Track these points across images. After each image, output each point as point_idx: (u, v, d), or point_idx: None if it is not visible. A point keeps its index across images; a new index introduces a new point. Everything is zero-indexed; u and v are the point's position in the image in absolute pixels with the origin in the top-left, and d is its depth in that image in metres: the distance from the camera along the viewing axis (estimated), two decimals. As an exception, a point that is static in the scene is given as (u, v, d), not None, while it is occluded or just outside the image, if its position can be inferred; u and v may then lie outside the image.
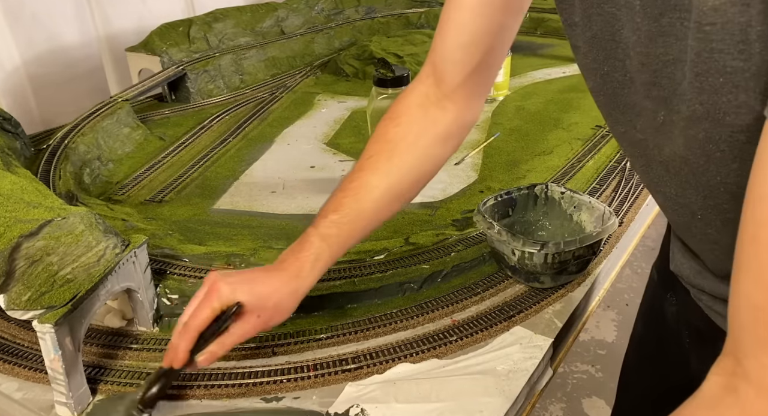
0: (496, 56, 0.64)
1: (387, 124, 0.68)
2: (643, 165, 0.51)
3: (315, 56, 1.76)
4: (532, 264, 0.73)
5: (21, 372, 0.66)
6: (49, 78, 1.46)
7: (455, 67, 0.63)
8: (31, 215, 0.60)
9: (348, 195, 0.64)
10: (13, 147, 1.02)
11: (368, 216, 0.65)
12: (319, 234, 0.62)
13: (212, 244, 0.85)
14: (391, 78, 0.96)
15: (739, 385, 0.38)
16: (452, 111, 0.66)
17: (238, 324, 0.58)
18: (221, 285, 0.57)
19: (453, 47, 0.62)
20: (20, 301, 0.56)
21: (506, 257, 0.75)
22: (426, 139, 0.66)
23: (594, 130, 1.25)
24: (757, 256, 0.36)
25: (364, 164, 0.66)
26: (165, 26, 1.50)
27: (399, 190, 0.66)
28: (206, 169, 1.14)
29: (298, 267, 0.61)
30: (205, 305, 0.57)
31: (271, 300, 0.59)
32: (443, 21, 0.62)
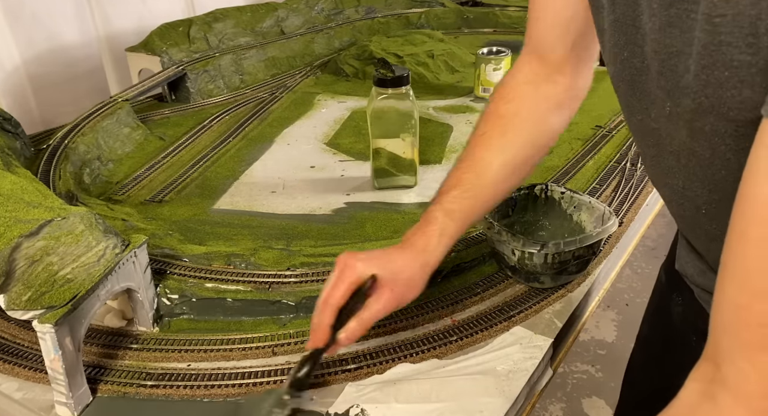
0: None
1: (497, 102, 0.68)
2: (654, 155, 0.51)
3: (315, 56, 1.76)
4: (532, 265, 0.73)
5: (21, 372, 0.66)
6: (49, 78, 1.46)
7: (556, 42, 0.64)
8: (31, 215, 0.60)
9: (466, 171, 0.65)
10: (13, 147, 1.02)
11: (488, 191, 0.65)
12: (443, 210, 0.62)
13: (212, 244, 0.85)
14: (391, 78, 0.96)
15: (717, 392, 0.37)
16: (562, 83, 0.66)
17: (374, 299, 0.58)
18: (354, 262, 0.58)
19: (550, 24, 0.63)
20: (20, 301, 0.56)
21: (506, 257, 0.75)
22: (539, 113, 0.66)
23: (594, 130, 1.25)
24: (744, 256, 0.35)
25: (477, 141, 0.66)
26: (165, 26, 1.50)
27: (514, 165, 0.66)
28: (206, 169, 1.14)
29: (425, 241, 0.61)
30: (341, 281, 0.57)
31: (404, 275, 0.60)
32: (536, 7, 0.64)
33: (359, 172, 1.12)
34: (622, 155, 1.11)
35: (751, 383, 0.35)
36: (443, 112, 1.39)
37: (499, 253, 0.77)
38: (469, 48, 1.77)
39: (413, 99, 0.97)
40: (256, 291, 0.74)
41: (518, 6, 2.21)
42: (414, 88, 0.98)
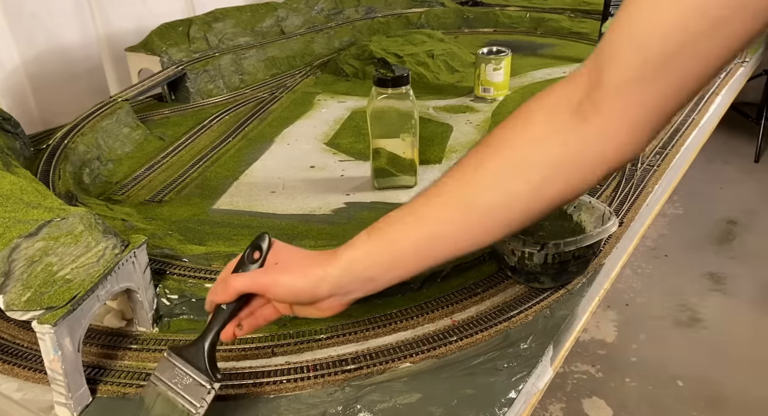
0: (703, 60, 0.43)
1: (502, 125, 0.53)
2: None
3: (315, 56, 1.76)
4: (532, 265, 0.73)
5: (20, 373, 0.66)
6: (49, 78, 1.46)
7: (626, 58, 0.45)
8: (31, 215, 0.60)
9: (420, 195, 0.55)
10: (12, 147, 1.01)
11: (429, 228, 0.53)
12: (369, 228, 0.55)
13: (212, 244, 0.85)
14: (391, 78, 0.96)
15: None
16: (595, 126, 0.48)
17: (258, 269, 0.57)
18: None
19: (635, 31, 0.44)
20: (20, 302, 0.56)
21: (506, 257, 0.75)
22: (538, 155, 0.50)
23: (594, 129, 1.25)
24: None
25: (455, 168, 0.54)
26: (165, 26, 1.50)
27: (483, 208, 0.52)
28: (206, 169, 1.14)
29: (334, 251, 0.55)
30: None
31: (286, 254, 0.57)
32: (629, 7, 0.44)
33: (359, 172, 1.12)
34: (622, 155, 1.11)
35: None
36: (443, 112, 1.39)
37: (498, 253, 0.77)
38: (469, 48, 1.77)
39: (413, 99, 0.97)
40: (256, 292, 0.73)
41: (518, 6, 2.21)
42: (414, 88, 0.98)
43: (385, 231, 0.54)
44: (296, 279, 0.54)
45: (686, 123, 1.25)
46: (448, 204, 0.53)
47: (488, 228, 0.53)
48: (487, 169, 0.51)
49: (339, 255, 0.54)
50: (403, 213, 0.55)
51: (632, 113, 0.46)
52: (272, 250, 0.57)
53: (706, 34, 0.41)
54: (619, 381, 1.76)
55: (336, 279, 0.54)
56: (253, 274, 0.56)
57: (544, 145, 0.49)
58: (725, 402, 1.66)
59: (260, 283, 0.55)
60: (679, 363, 1.80)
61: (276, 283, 0.55)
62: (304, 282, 0.54)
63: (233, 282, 0.55)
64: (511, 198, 0.51)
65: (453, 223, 0.52)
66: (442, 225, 0.53)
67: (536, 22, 2.07)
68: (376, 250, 0.54)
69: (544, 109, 0.50)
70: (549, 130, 0.49)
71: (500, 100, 1.44)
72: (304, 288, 0.54)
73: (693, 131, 1.21)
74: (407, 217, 0.54)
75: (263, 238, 0.57)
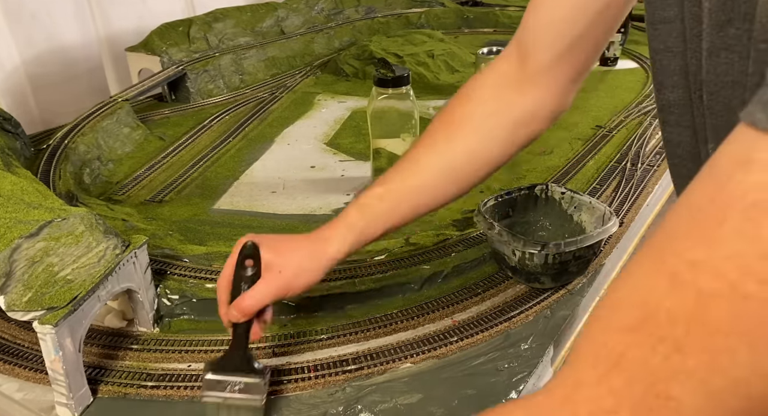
0: (595, 38, 0.56)
1: (454, 101, 0.63)
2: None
3: (315, 56, 1.76)
4: (532, 265, 0.73)
5: (21, 373, 0.66)
6: (49, 78, 1.46)
7: (544, 45, 0.56)
8: (31, 216, 0.60)
9: (397, 170, 0.62)
10: (13, 147, 1.01)
11: (416, 194, 0.61)
12: (356, 204, 0.60)
13: (212, 244, 0.85)
14: (391, 78, 0.96)
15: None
16: (532, 96, 0.59)
17: (261, 281, 0.57)
18: (246, 237, 0.58)
19: (545, 22, 0.56)
20: (21, 302, 0.56)
21: (507, 257, 0.75)
22: (493, 122, 0.60)
23: (594, 130, 1.25)
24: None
25: (421, 141, 0.62)
26: (165, 26, 1.50)
27: (455, 173, 0.61)
28: (206, 169, 1.14)
29: (329, 232, 0.60)
30: (231, 256, 0.58)
31: (294, 259, 0.58)
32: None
33: (359, 172, 1.12)
34: (622, 155, 1.11)
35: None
36: (443, 112, 1.38)
37: (499, 254, 0.77)
38: (469, 48, 1.77)
39: (413, 99, 0.97)
40: (257, 292, 0.73)
41: (518, 6, 2.21)
42: (414, 88, 0.98)
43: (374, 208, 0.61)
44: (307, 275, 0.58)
45: (686, 123, 1.24)
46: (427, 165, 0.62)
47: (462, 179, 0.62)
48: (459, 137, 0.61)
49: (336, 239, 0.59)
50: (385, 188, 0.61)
51: (559, 81, 0.59)
52: (264, 251, 0.57)
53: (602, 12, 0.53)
54: (619, 381, 1.76)
55: (340, 259, 0.60)
56: (266, 289, 0.56)
57: (500, 115, 0.61)
58: (725, 402, 1.66)
59: (274, 294, 0.57)
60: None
61: (292, 286, 0.58)
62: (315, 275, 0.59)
63: (250, 303, 0.56)
64: (483, 154, 0.62)
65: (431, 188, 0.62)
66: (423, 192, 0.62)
67: (536, 22, 2.07)
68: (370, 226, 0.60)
69: (490, 87, 0.62)
70: (500, 104, 0.61)
71: (500, 100, 1.44)
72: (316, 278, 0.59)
73: (693, 131, 1.21)
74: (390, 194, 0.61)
75: (248, 247, 0.57)
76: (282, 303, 0.73)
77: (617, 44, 1.64)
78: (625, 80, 1.56)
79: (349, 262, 0.78)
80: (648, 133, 1.19)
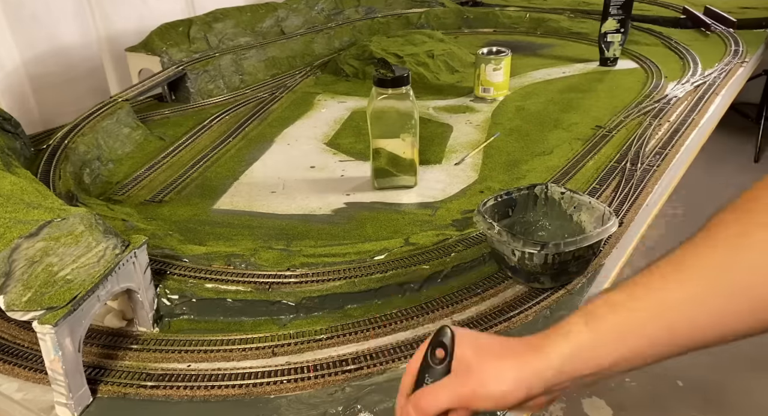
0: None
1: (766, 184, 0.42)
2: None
3: (315, 56, 1.76)
4: (532, 265, 0.73)
5: (21, 373, 0.66)
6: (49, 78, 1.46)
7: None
8: (31, 216, 0.60)
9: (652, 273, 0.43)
10: (13, 147, 1.01)
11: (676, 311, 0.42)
12: (583, 311, 0.45)
13: (212, 244, 0.85)
14: (391, 78, 0.96)
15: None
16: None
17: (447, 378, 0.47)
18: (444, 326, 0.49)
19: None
20: (20, 302, 0.56)
21: (506, 257, 0.75)
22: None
23: (594, 130, 1.25)
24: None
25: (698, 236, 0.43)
26: (165, 26, 1.50)
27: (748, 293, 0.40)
28: (206, 169, 1.14)
29: (541, 339, 0.46)
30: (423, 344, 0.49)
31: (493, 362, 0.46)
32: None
33: (359, 172, 1.12)
34: (622, 155, 1.11)
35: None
36: (443, 112, 1.39)
37: (499, 254, 0.77)
38: (469, 48, 1.77)
39: (413, 99, 0.97)
40: (256, 292, 0.74)
41: (518, 6, 2.21)
42: (414, 88, 0.98)
43: (609, 322, 0.44)
44: (500, 386, 0.45)
45: (686, 123, 1.25)
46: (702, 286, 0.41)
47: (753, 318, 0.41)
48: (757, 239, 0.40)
49: (549, 349, 0.45)
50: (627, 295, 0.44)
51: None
52: (457, 345, 0.48)
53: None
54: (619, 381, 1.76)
55: (548, 381, 0.45)
56: (449, 389, 0.46)
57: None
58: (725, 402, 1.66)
59: (460, 399, 0.46)
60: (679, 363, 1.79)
61: (477, 396, 0.46)
62: (510, 391, 0.45)
63: (429, 402, 0.46)
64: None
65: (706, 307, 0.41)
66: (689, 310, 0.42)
67: (536, 22, 2.07)
68: (597, 346, 0.44)
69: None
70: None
71: (500, 100, 1.44)
72: (513, 396, 0.45)
73: (693, 131, 1.21)
74: (638, 303, 0.43)
75: (444, 333, 0.48)
76: (282, 303, 0.73)
77: (617, 44, 1.64)
78: (625, 80, 1.56)
79: (349, 262, 0.79)
80: (648, 133, 1.19)
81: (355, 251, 0.81)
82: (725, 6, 2.08)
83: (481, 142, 1.22)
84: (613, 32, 1.63)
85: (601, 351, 0.43)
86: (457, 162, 1.15)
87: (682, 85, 1.47)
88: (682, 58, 1.68)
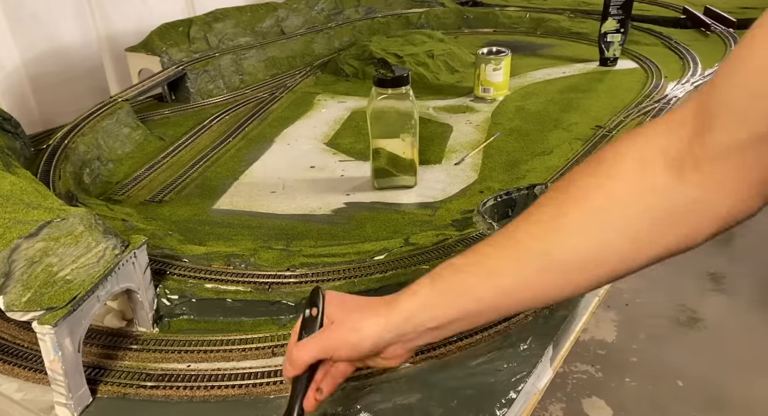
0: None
1: (582, 169, 0.47)
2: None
3: (315, 56, 1.76)
4: (532, 265, 0.73)
5: (21, 373, 0.66)
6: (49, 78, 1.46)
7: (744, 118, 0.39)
8: (31, 216, 0.60)
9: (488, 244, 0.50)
10: (12, 147, 1.01)
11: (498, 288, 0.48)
12: (431, 274, 0.51)
13: (212, 244, 0.85)
14: (391, 78, 0.96)
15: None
16: (697, 185, 0.41)
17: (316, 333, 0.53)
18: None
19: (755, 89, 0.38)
20: (20, 302, 0.56)
21: (506, 257, 0.75)
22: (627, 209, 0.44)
23: (594, 130, 1.25)
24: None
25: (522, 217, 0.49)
26: (165, 26, 1.50)
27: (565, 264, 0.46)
28: (206, 169, 1.14)
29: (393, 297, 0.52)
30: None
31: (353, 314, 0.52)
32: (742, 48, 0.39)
33: (359, 172, 1.12)
34: (622, 155, 1.11)
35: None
36: (443, 112, 1.39)
37: (499, 254, 0.77)
38: (469, 48, 1.77)
39: (413, 99, 0.97)
40: (256, 292, 0.74)
41: (518, 6, 2.21)
42: (414, 88, 0.98)
43: (448, 282, 0.50)
44: (356, 333, 0.51)
45: (686, 123, 1.24)
46: (522, 258, 0.47)
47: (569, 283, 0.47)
48: (571, 220, 0.45)
49: (398, 304, 0.51)
50: (467, 261, 0.50)
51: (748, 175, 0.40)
52: (327, 304, 0.54)
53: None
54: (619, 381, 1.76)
55: (396, 330, 0.51)
56: (314, 341, 0.52)
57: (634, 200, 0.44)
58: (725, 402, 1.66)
59: (324, 349, 0.52)
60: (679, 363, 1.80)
61: (338, 345, 0.51)
62: (364, 337, 0.51)
63: (297, 355, 0.52)
64: (604, 253, 0.45)
65: (526, 279, 0.47)
66: (513, 279, 0.48)
67: (536, 22, 2.07)
68: (436, 302, 0.50)
69: (634, 158, 0.44)
70: (640, 184, 0.43)
71: (500, 100, 1.44)
72: (365, 343, 0.51)
73: (693, 131, 1.21)
74: (472, 268, 0.49)
75: (317, 294, 0.54)
76: (282, 303, 0.73)
77: (617, 44, 1.64)
78: (624, 80, 1.56)
79: (349, 262, 0.78)
80: (648, 133, 1.19)
81: (355, 251, 0.81)
82: (725, 6, 2.08)
83: (481, 142, 1.22)
84: (613, 32, 1.63)
85: (440, 306, 0.50)
86: (457, 162, 1.15)
87: (682, 85, 1.47)
88: (682, 58, 1.68)
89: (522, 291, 0.48)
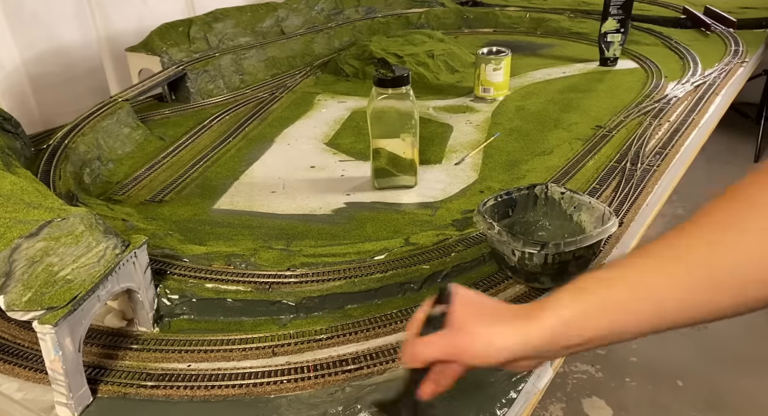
0: None
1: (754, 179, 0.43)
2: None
3: (315, 56, 1.76)
4: (532, 265, 0.73)
5: (21, 373, 0.66)
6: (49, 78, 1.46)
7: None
8: (31, 216, 0.60)
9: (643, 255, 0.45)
10: (13, 147, 1.02)
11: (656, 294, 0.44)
12: (573, 286, 0.47)
13: (212, 244, 0.85)
14: (391, 78, 0.96)
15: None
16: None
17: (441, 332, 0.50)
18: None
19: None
20: (20, 302, 0.56)
21: (506, 257, 0.75)
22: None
23: (594, 130, 1.25)
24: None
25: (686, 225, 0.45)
26: (165, 26, 1.50)
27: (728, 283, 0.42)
28: (206, 169, 1.14)
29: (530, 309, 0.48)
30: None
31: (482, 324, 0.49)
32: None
33: (359, 172, 1.12)
34: (622, 155, 1.11)
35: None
36: (443, 112, 1.39)
37: (499, 254, 0.77)
38: (469, 48, 1.77)
39: (413, 99, 0.97)
40: (256, 292, 0.74)
41: (518, 6, 2.21)
42: (414, 88, 0.98)
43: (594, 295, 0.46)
44: (487, 348, 0.48)
45: (686, 123, 1.25)
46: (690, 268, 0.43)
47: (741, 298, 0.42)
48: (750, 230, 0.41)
49: (539, 320, 0.47)
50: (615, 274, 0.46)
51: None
52: (457, 303, 0.51)
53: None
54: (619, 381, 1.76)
55: (535, 350, 0.47)
56: (442, 343, 0.50)
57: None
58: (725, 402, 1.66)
59: (449, 354, 0.50)
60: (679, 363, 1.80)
61: (464, 353, 0.49)
62: (497, 352, 0.48)
63: (422, 351, 0.50)
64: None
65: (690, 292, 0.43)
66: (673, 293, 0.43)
67: (536, 22, 2.07)
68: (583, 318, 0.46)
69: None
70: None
71: (500, 100, 1.44)
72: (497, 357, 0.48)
73: (693, 131, 1.21)
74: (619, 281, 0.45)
75: (447, 292, 0.52)
76: (282, 303, 0.73)
77: (617, 44, 1.64)
78: (624, 80, 1.56)
79: (349, 262, 0.79)
80: (648, 133, 1.19)
81: (355, 251, 0.82)
82: (725, 6, 2.08)
83: (481, 142, 1.22)
84: (613, 32, 1.63)
85: (587, 323, 0.45)
86: (457, 162, 1.15)
87: (682, 85, 1.47)
88: (682, 58, 1.68)
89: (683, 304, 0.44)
